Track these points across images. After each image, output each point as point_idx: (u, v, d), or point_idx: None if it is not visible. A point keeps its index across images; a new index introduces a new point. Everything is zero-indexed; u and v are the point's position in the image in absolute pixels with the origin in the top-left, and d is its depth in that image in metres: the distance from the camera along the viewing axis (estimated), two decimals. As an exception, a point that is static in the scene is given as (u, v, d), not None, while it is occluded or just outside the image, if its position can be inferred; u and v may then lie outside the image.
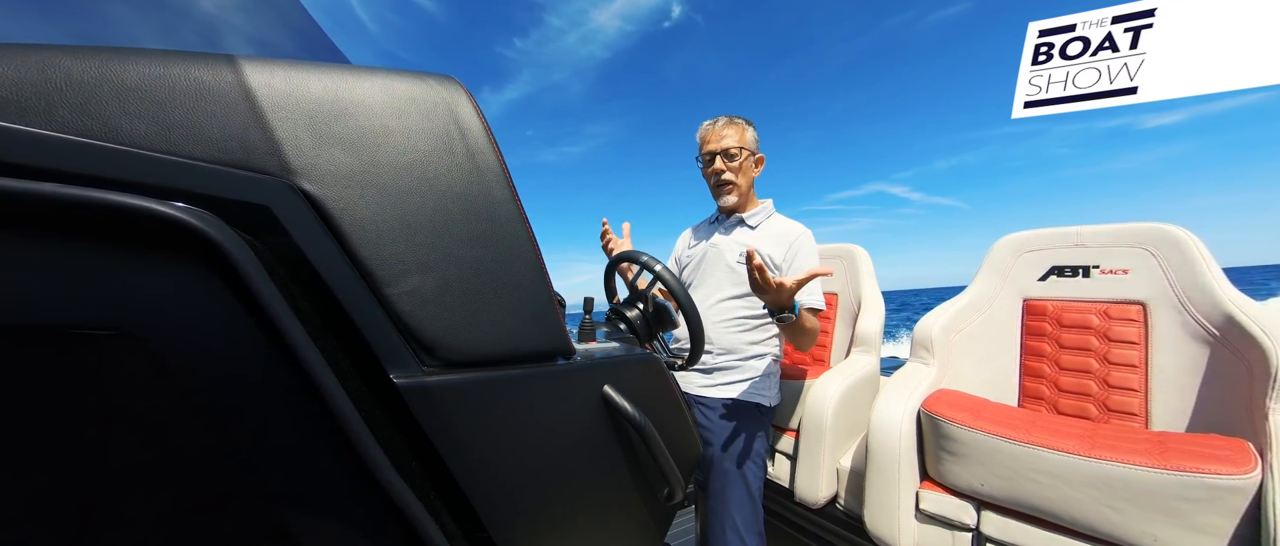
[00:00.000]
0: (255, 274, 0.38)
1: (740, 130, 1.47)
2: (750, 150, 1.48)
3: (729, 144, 1.45)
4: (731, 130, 1.46)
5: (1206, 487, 0.93)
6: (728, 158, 1.46)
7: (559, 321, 0.60)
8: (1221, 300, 1.31)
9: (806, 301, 1.33)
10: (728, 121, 1.47)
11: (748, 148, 1.47)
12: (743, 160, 1.46)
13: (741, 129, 1.47)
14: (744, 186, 1.49)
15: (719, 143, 1.46)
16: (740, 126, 1.47)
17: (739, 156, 1.45)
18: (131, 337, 0.36)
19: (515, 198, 0.55)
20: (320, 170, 0.44)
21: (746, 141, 1.47)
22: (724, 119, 1.48)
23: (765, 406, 1.48)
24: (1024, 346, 1.66)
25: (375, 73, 0.49)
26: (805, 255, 1.43)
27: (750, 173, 1.51)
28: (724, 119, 1.48)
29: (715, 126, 1.48)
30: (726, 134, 1.46)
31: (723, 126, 1.47)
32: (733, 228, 1.56)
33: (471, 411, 0.51)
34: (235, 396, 0.40)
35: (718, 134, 1.47)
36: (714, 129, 1.48)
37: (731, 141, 1.45)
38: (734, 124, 1.47)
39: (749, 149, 1.47)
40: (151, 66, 0.38)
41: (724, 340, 1.48)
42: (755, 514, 1.42)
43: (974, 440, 1.21)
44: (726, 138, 1.45)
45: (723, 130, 1.46)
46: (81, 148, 0.34)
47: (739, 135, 1.46)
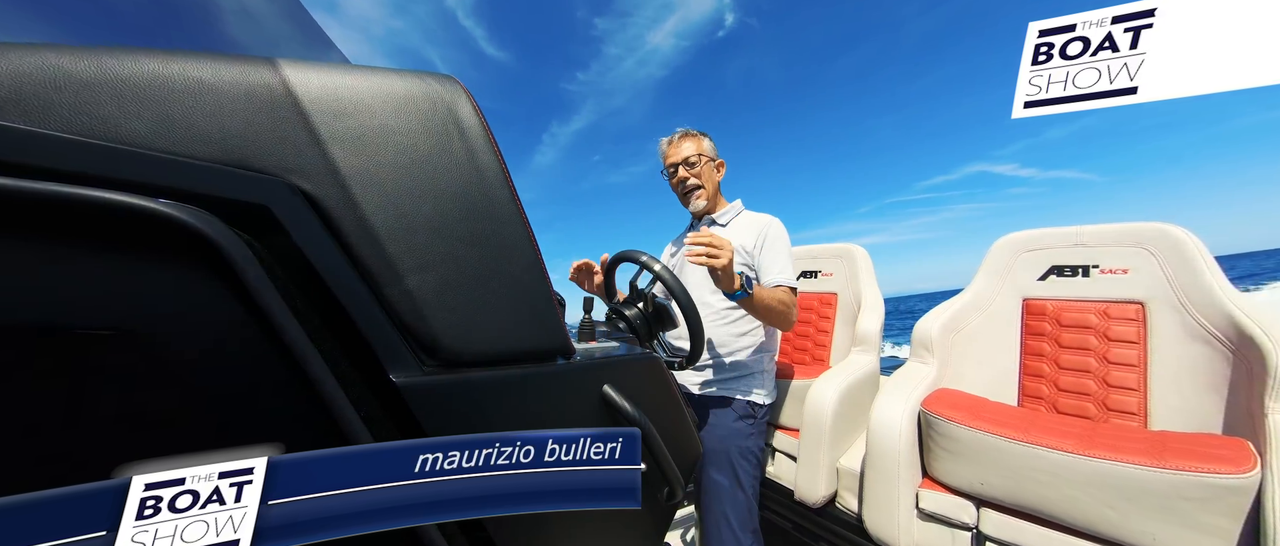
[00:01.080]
0: (254, 273, 0.38)
1: (696, 141, 1.59)
2: (708, 156, 1.59)
3: (687, 153, 1.57)
4: (688, 142, 1.59)
5: (1206, 487, 0.93)
6: (689, 166, 1.56)
7: (559, 321, 0.60)
8: (1221, 299, 1.31)
9: (768, 278, 1.42)
10: (683, 135, 1.61)
11: (705, 154, 1.58)
12: (702, 166, 1.56)
13: (697, 140, 1.59)
14: (710, 189, 1.59)
15: (679, 154, 1.58)
16: (696, 137, 1.60)
17: (698, 162, 1.56)
18: (130, 336, 0.36)
19: (515, 197, 0.55)
20: (320, 169, 0.43)
21: (703, 149, 1.58)
22: (680, 132, 1.62)
23: (758, 403, 1.48)
24: (1024, 346, 1.66)
25: (375, 72, 0.49)
26: (774, 239, 1.48)
27: (713, 176, 1.61)
28: (680, 132, 1.62)
29: (672, 141, 1.62)
30: (684, 145, 1.58)
31: (680, 140, 1.60)
32: (706, 229, 1.59)
33: (472, 411, 0.51)
34: (234, 396, 0.40)
35: (677, 147, 1.60)
36: (672, 144, 1.61)
37: (689, 151, 1.57)
38: (690, 136, 1.60)
39: (707, 156, 1.58)
40: (150, 65, 0.38)
41: (717, 339, 1.49)
42: (750, 511, 1.43)
43: (973, 439, 1.21)
44: (684, 149, 1.58)
45: (680, 142, 1.59)
46: (80, 147, 0.34)
47: (696, 145, 1.58)
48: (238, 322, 0.39)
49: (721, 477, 1.41)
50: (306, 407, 0.42)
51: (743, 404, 1.46)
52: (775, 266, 1.43)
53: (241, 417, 0.41)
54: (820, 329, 2.20)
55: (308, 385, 0.41)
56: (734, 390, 1.47)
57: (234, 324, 0.39)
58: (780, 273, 1.42)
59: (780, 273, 1.42)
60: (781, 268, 1.43)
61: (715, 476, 1.41)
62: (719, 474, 1.41)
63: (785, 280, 1.40)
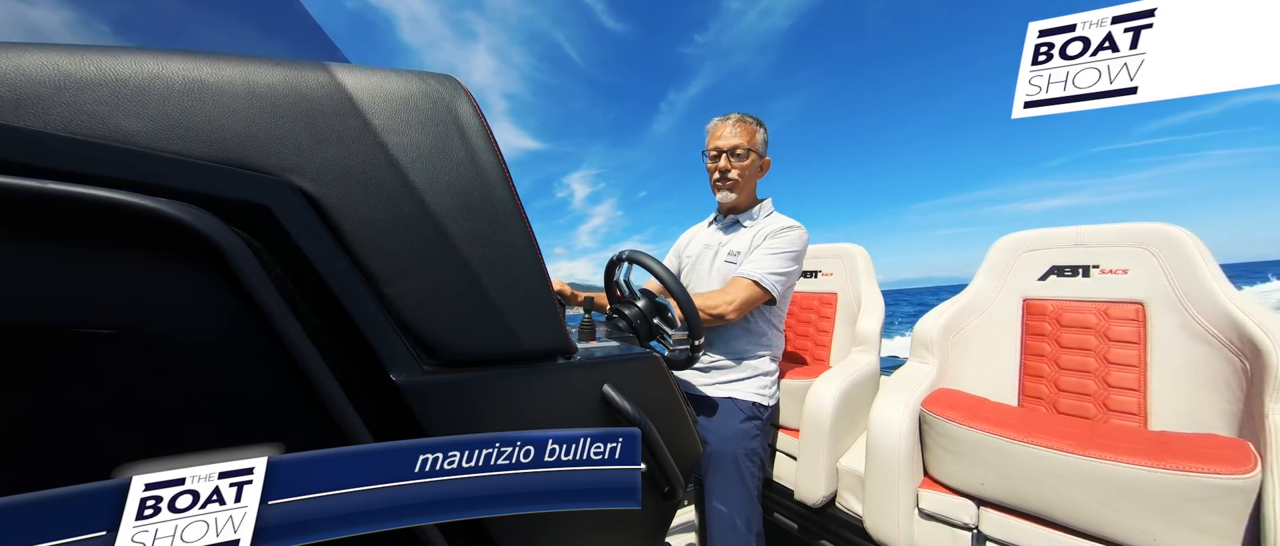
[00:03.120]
0: (253, 273, 0.38)
1: (750, 131, 1.46)
2: (758, 152, 1.47)
3: (736, 142, 1.45)
4: (740, 129, 1.46)
5: (1206, 487, 0.93)
6: (734, 156, 1.46)
7: (559, 320, 0.60)
8: (1221, 300, 1.31)
9: (741, 268, 1.37)
10: (739, 120, 1.47)
11: (755, 149, 1.46)
12: (748, 162, 1.46)
13: (752, 130, 1.47)
14: (744, 186, 1.49)
15: (727, 141, 1.46)
16: (750, 127, 1.47)
17: (746, 157, 1.45)
18: (130, 336, 0.36)
19: (515, 196, 0.55)
20: (320, 169, 0.43)
21: (755, 143, 1.46)
22: (736, 116, 1.48)
23: (763, 404, 1.47)
24: (1024, 346, 1.66)
25: (374, 72, 0.49)
26: (777, 239, 1.41)
27: (754, 175, 1.51)
28: (736, 116, 1.48)
29: (726, 123, 1.48)
30: (734, 131, 1.46)
31: (733, 125, 1.47)
32: (731, 227, 1.56)
33: (472, 411, 0.51)
34: (234, 396, 0.40)
35: (727, 131, 1.47)
36: (724, 125, 1.48)
37: (738, 140, 1.45)
38: (744, 123, 1.47)
39: (756, 151, 1.47)
40: (150, 65, 0.38)
41: (719, 338, 1.48)
42: (753, 512, 1.42)
43: (974, 439, 1.21)
44: (734, 135, 1.45)
45: (732, 128, 1.46)
46: (80, 146, 0.34)
47: (748, 136, 1.46)
48: (238, 322, 0.39)
49: (725, 479, 1.40)
50: (307, 407, 0.42)
51: (748, 404, 1.44)
52: (755, 260, 1.38)
53: (242, 417, 0.41)
54: (820, 329, 2.20)
55: (308, 385, 0.41)
56: (739, 390, 1.45)
57: (235, 324, 0.39)
58: (753, 265, 1.36)
59: (753, 265, 1.36)
60: (757, 261, 1.37)
61: (719, 477, 1.40)
62: (723, 475, 1.40)
63: (751, 272, 1.35)
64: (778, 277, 1.36)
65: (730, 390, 1.46)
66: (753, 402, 1.45)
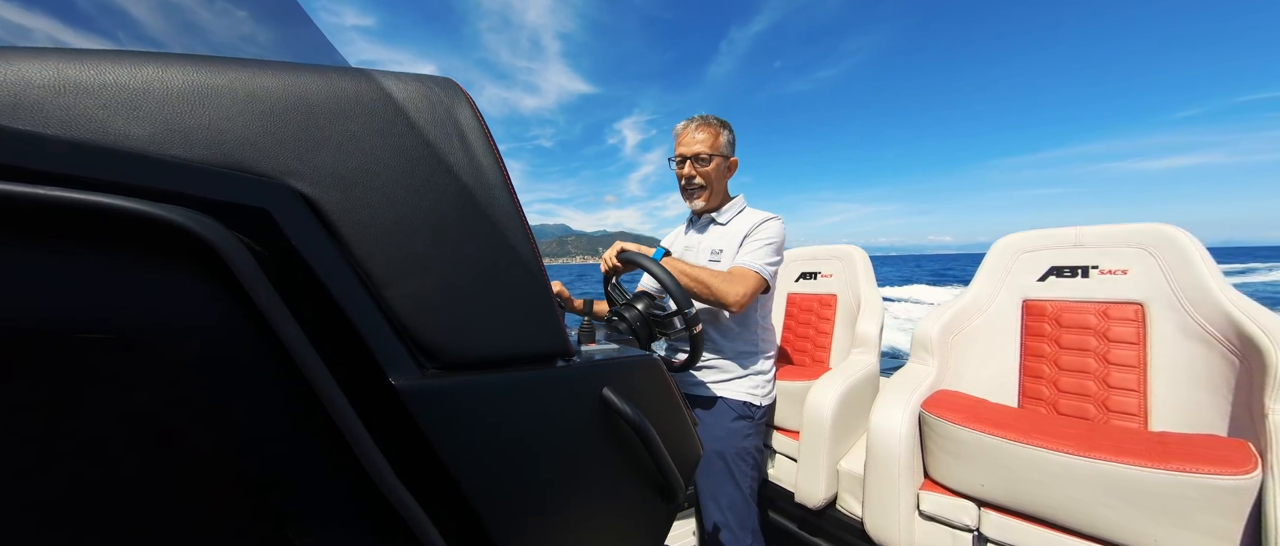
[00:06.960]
0: (253, 277, 0.38)
1: (714, 134, 1.46)
2: (722, 155, 1.48)
3: (700, 149, 1.45)
4: (704, 133, 1.46)
5: (1206, 488, 0.93)
6: (698, 162, 1.46)
7: (559, 323, 0.60)
8: (1220, 300, 1.31)
9: (736, 261, 1.38)
10: (701, 124, 1.47)
11: (719, 153, 1.47)
12: (712, 166, 1.46)
13: (715, 132, 1.46)
14: (713, 190, 1.50)
15: (690, 147, 1.46)
16: (714, 129, 1.47)
17: (709, 161, 1.46)
18: (128, 341, 0.36)
19: (514, 199, 0.55)
20: (319, 172, 0.43)
21: (719, 147, 1.47)
22: (698, 120, 1.48)
23: (755, 404, 1.46)
24: (1023, 347, 1.66)
25: (374, 74, 0.49)
26: (761, 232, 1.43)
27: (722, 176, 1.52)
28: (698, 120, 1.48)
29: (688, 128, 1.48)
30: (698, 138, 1.45)
31: (696, 129, 1.46)
32: (706, 226, 1.57)
33: (472, 414, 0.51)
34: (232, 401, 0.40)
35: (690, 137, 1.46)
36: (687, 131, 1.48)
37: (702, 146, 1.45)
38: (707, 126, 1.46)
39: (721, 154, 1.47)
40: (148, 68, 0.38)
41: (708, 338, 1.47)
42: (749, 512, 1.42)
43: (974, 440, 1.21)
44: (698, 142, 1.45)
45: (695, 133, 1.46)
46: (77, 150, 0.34)
47: (712, 140, 1.46)
48: (237, 326, 0.39)
49: (718, 478, 1.40)
50: (307, 411, 0.42)
51: (739, 404, 1.44)
52: (748, 252, 1.39)
53: (239, 423, 0.41)
54: (820, 330, 2.20)
55: (308, 388, 0.41)
56: (730, 390, 1.45)
57: (233, 328, 0.39)
58: (748, 256, 1.38)
59: (748, 256, 1.38)
60: (751, 252, 1.39)
61: (711, 477, 1.40)
62: (715, 474, 1.40)
63: (749, 263, 1.35)
64: (771, 267, 1.38)
65: (721, 389, 1.45)
66: (743, 402, 1.44)
